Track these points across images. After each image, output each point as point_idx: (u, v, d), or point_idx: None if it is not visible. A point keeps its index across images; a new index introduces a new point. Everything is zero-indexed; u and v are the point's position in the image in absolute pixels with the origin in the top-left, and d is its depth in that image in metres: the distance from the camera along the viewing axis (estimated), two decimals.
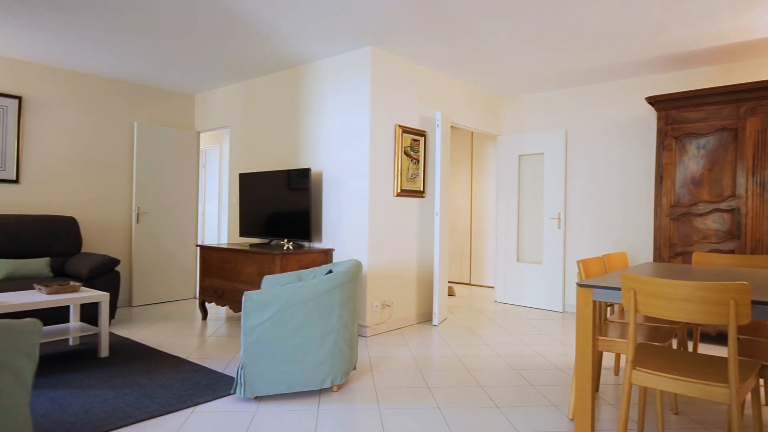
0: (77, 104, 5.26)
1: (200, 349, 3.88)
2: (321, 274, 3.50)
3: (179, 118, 6.16)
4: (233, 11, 3.62)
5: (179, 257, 6.00)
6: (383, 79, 4.50)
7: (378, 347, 4.02)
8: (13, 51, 4.60)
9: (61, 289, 3.53)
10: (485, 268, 7.40)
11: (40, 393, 2.89)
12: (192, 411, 2.69)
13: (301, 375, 2.83)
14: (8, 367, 1.74)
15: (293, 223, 4.66)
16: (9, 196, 4.80)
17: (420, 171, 4.91)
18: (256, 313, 2.77)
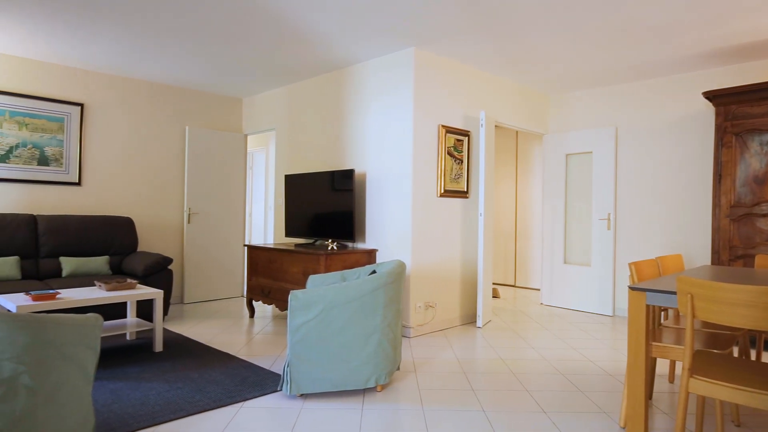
0: (133, 110, 5.52)
1: (248, 347, 3.99)
2: (365, 274, 3.53)
3: (228, 121, 6.35)
4: (280, 17, 3.71)
5: (228, 256, 6.19)
6: (426, 80, 4.49)
7: (421, 348, 4.01)
8: (76, 60, 4.87)
9: (120, 286, 3.71)
10: (531, 270, 7.25)
11: (100, 384, 3.05)
12: (241, 406, 2.76)
13: (346, 374, 2.86)
14: (73, 359, 1.85)
15: (337, 224, 4.71)
16: (72, 197, 5.09)
17: (464, 171, 4.87)
18: (302, 312, 2.83)
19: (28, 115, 4.80)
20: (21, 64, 4.77)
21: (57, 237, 4.64)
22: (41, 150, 4.88)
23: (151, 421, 2.52)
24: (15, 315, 1.66)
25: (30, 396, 1.69)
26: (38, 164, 4.86)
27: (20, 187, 4.77)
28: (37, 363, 1.70)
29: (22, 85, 4.78)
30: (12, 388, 1.64)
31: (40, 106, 4.86)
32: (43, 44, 4.40)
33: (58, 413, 1.79)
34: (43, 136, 4.89)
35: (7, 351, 1.62)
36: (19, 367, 1.65)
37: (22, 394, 1.67)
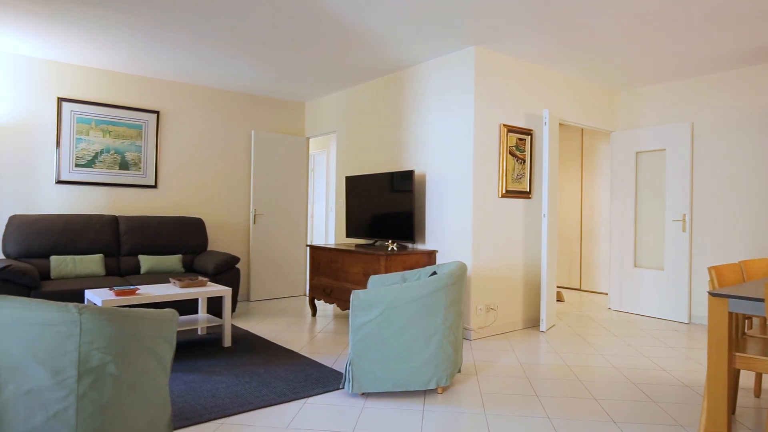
0: (203, 116, 5.81)
1: (311, 344, 4.09)
2: (425, 275, 3.52)
3: (291, 125, 6.55)
4: (342, 22, 3.78)
5: (291, 256, 6.37)
6: (487, 78, 4.42)
7: (482, 351, 3.95)
8: (153, 71, 5.20)
9: (192, 284, 3.91)
10: (597, 273, 6.95)
11: (175, 376, 3.23)
12: (305, 402, 2.84)
13: (407, 374, 2.86)
14: (153, 351, 1.97)
15: (397, 225, 4.74)
16: (149, 199, 5.43)
17: (526, 171, 4.75)
18: (364, 312, 2.86)
19: (111, 123, 5.17)
20: (105, 76, 5.14)
21: (136, 236, 4.96)
22: (122, 155, 5.23)
23: (221, 413, 2.64)
24: (102, 309, 1.79)
25: (116, 384, 1.82)
26: (119, 168, 5.22)
27: (104, 190, 5.15)
28: (121, 354, 1.83)
29: (106, 95, 5.15)
30: (100, 377, 1.77)
31: (121, 114, 5.22)
32: (125, 57, 4.72)
33: (140, 401, 1.91)
34: (124, 142, 5.25)
35: (96, 342, 1.76)
36: (106, 357, 1.78)
37: (109, 382, 1.80)
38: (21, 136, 4.71)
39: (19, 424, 1.67)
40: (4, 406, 1.66)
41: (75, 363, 1.72)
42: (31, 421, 1.67)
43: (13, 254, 4.36)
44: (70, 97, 4.95)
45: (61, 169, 4.90)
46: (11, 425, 1.67)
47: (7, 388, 1.66)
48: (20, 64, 4.70)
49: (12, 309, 1.67)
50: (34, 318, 1.67)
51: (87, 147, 5.03)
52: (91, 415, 1.75)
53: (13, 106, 4.67)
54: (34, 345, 1.67)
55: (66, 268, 4.42)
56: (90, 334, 1.74)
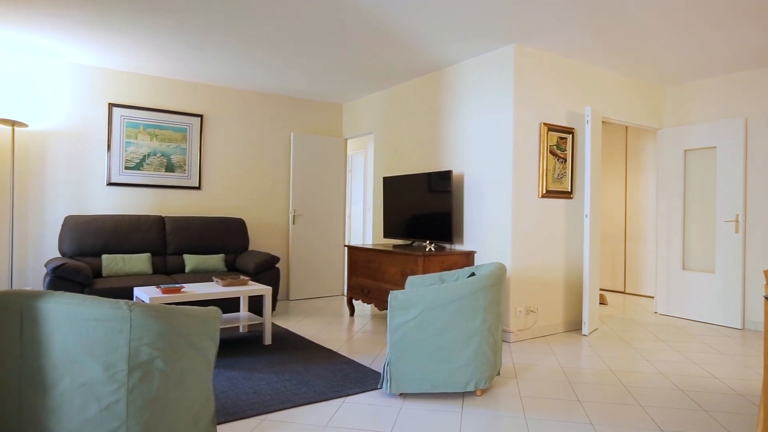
0: (244, 119, 5.95)
1: (349, 344, 4.12)
2: (463, 276, 3.49)
3: (329, 126, 6.62)
4: (379, 23, 3.79)
5: (329, 256, 6.44)
6: (527, 76, 4.34)
7: (522, 354, 3.89)
8: (197, 76, 5.37)
9: (234, 282, 4.01)
10: (643, 276, 6.72)
11: (218, 372, 3.32)
12: (343, 401, 2.86)
13: (445, 376, 2.85)
14: (197, 348, 2.03)
15: (435, 225, 4.72)
16: (193, 200, 5.60)
17: (567, 171, 4.64)
18: (402, 312, 2.86)
19: (158, 127, 5.36)
20: (152, 82, 5.35)
21: (181, 236, 5.13)
22: (168, 158, 5.42)
23: (263, 409, 2.70)
24: (151, 306, 1.86)
25: (163, 379, 1.88)
26: (165, 171, 5.41)
27: (151, 192, 5.35)
28: (168, 350, 1.89)
29: (153, 100, 5.35)
30: (149, 371, 1.84)
31: (167, 118, 5.41)
32: (170, 63, 4.90)
33: (186, 396, 1.98)
34: (170, 145, 5.43)
35: (145, 337, 1.83)
36: (154, 353, 1.85)
37: (157, 376, 1.87)
38: (76, 141, 4.96)
39: (75, 414, 1.75)
40: (62, 397, 1.75)
41: (125, 358, 1.80)
42: (85, 413, 1.76)
43: (68, 253, 4.59)
44: (120, 103, 5.17)
45: (112, 171, 5.12)
46: (68, 415, 1.75)
47: (64, 380, 1.75)
48: (77, 72, 4.94)
49: (68, 305, 1.76)
50: (88, 314, 1.76)
51: (135, 150, 5.24)
52: (140, 408, 1.82)
53: (70, 112, 4.92)
54: (89, 339, 1.76)
55: (116, 267, 4.62)
56: (139, 330, 1.81)
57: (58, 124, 4.87)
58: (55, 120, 4.86)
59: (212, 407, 2.16)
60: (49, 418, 1.76)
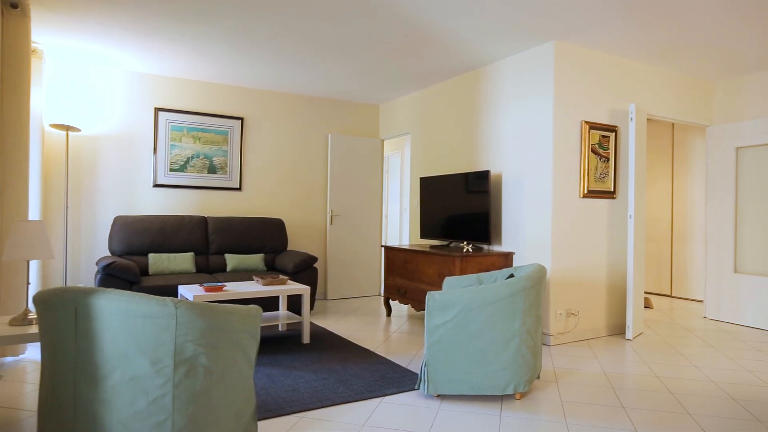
0: (283, 121, 6.06)
1: (386, 344, 4.13)
2: (502, 277, 3.45)
3: (366, 127, 6.66)
4: (416, 23, 3.79)
5: (366, 256, 6.48)
6: (568, 74, 4.24)
7: (562, 358, 3.80)
8: (237, 80, 5.50)
9: (274, 282, 4.09)
10: (691, 279, 6.45)
11: (258, 370, 3.39)
12: (380, 401, 2.87)
13: (483, 378, 2.82)
14: (239, 345, 2.08)
15: (472, 226, 4.67)
16: (234, 201, 5.75)
17: (610, 170, 4.51)
18: (439, 313, 2.85)
19: (201, 130, 5.53)
20: (196, 87, 5.51)
21: (223, 236, 5.26)
22: (210, 160, 5.58)
23: (302, 407, 2.74)
24: (195, 303, 1.92)
25: (207, 375, 1.94)
26: (208, 172, 5.57)
27: (194, 193, 5.52)
28: (211, 346, 1.95)
29: (196, 104, 5.52)
30: (193, 367, 1.90)
31: (209, 121, 5.57)
32: (213, 68, 5.04)
33: (228, 392, 2.03)
34: (212, 147, 5.59)
35: (190, 334, 1.88)
36: (198, 349, 1.91)
37: (201, 372, 1.92)
38: (124, 144, 5.17)
39: (125, 407, 1.83)
40: (113, 390, 1.83)
41: (171, 353, 1.86)
42: (134, 405, 1.83)
43: (117, 251, 4.79)
44: (165, 107, 5.35)
45: (158, 173, 5.31)
46: (118, 407, 1.83)
47: (115, 374, 1.83)
48: (127, 78, 5.15)
49: (119, 301, 1.83)
50: (137, 310, 1.83)
51: (180, 153, 5.41)
52: (185, 403, 1.88)
53: (121, 117, 5.13)
54: (137, 335, 1.83)
55: (162, 265, 4.78)
56: (184, 327, 1.87)
57: (109, 128, 5.09)
58: (106, 125, 5.08)
59: (253, 403, 2.21)
60: (101, 409, 1.84)
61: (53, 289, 1.93)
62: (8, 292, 3.45)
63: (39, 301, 1.94)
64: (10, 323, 2.63)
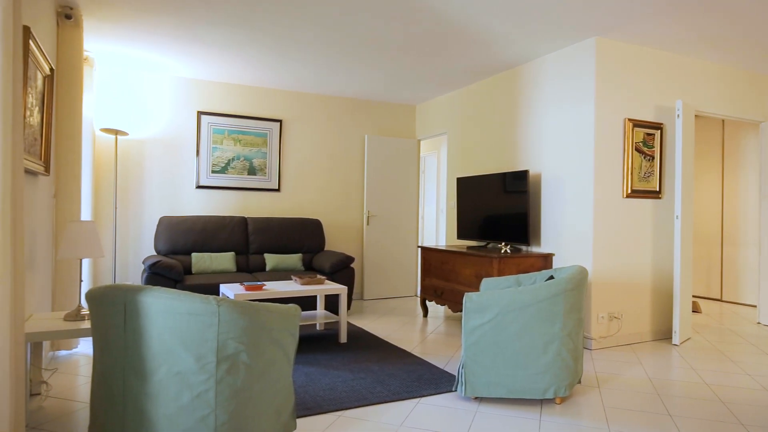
0: (320, 122, 6.13)
1: (422, 345, 4.12)
2: (541, 279, 3.38)
3: (402, 128, 6.66)
4: (454, 22, 3.77)
5: (402, 257, 6.48)
6: (610, 70, 4.13)
7: (605, 362, 3.69)
8: (276, 83, 5.61)
9: (311, 281, 4.15)
10: (742, 283, 6.15)
11: (296, 368, 3.44)
12: (417, 402, 2.87)
13: (523, 381, 2.77)
14: (279, 343, 2.12)
15: (510, 226, 4.60)
16: (273, 202, 5.86)
17: (655, 169, 4.35)
18: (477, 315, 2.82)
19: (241, 133, 5.66)
20: (236, 90, 5.65)
21: (262, 236, 5.37)
22: (250, 161, 5.71)
23: (339, 406, 2.76)
24: (237, 302, 1.97)
25: (248, 372, 1.99)
26: (248, 174, 5.70)
27: (235, 194, 5.65)
28: (252, 344, 1.99)
29: (236, 107, 5.66)
30: (235, 364, 1.95)
31: (249, 124, 5.70)
32: (253, 72, 5.15)
33: (268, 389, 2.07)
34: (252, 149, 5.72)
35: (232, 331, 1.93)
36: (239, 346, 1.96)
37: (242, 369, 1.97)
38: (169, 147, 5.35)
39: (170, 401, 1.89)
40: (159, 385, 1.90)
41: (214, 350, 1.91)
42: (179, 400, 1.89)
43: (162, 251, 4.96)
44: (207, 111, 5.51)
45: (200, 175, 5.47)
46: (164, 402, 1.90)
47: (161, 369, 1.89)
48: (174, 83, 5.33)
49: (165, 299, 1.90)
50: (182, 307, 1.89)
51: (221, 155, 5.56)
52: (227, 399, 1.93)
53: (167, 121, 5.32)
54: (182, 332, 1.89)
55: (204, 264, 4.92)
56: (226, 325, 1.93)
57: (155, 132, 5.28)
58: (152, 129, 5.27)
59: (292, 401, 2.25)
60: (148, 403, 1.91)
61: (104, 287, 2.01)
62: (62, 289, 3.63)
63: (91, 298, 2.04)
64: (64, 318, 2.77)
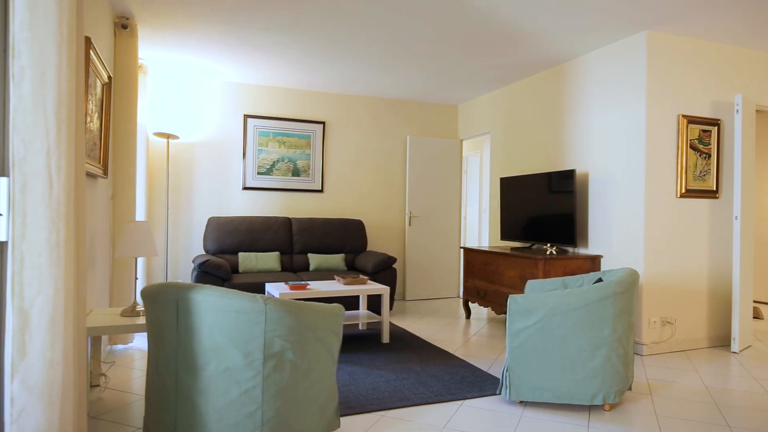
0: (362, 124, 6.18)
1: (465, 347, 4.08)
2: (589, 281, 3.29)
3: (444, 128, 6.63)
4: (497, 20, 3.71)
5: (444, 258, 6.44)
6: (662, 65, 3.96)
7: (657, 369, 3.55)
8: (320, 86, 5.69)
9: (354, 281, 4.18)
10: None
11: (340, 367, 3.48)
12: (461, 404, 2.84)
13: (569, 386, 2.70)
14: (323, 342, 2.15)
15: (556, 227, 4.50)
16: (317, 202, 5.95)
17: (712, 167, 4.15)
18: (522, 317, 2.77)
19: (285, 135, 5.78)
20: (280, 93, 5.78)
21: (306, 236, 5.47)
22: (294, 163, 5.82)
23: (382, 406, 2.77)
24: (283, 300, 2.01)
25: (293, 369, 2.03)
26: (292, 175, 5.81)
27: (279, 195, 5.78)
28: (297, 342, 2.03)
29: (281, 110, 5.78)
30: (281, 361, 1.99)
31: (293, 126, 5.81)
32: (296, 75, 5.25)
33: (313, 387, 2.11)
34: (296, 151, 5.83)
35: (278, 330, 1.98)
36: (285, 344, 2.00)
37: (288, 367, 2.01)
38: (218, 150, 5.53)
39: (220, 396, 1.95)
40: (209, 380, 1.96)
41: (261, 347, 1.96)
42: (228, 395, 1.95)
43: (211, 250, 5.12)
44: (253, 114, 5.66)
45: (246, 176, 5.62)
46: (214, 397, 1.96)
47: (211, 365, 1.96)
48: (223, 88, 5.51)
49: (214, 297, 1.96)
50: (230, 305, 1.95)
51: (266, 157, 5.70)
52: (273, 395, 1.97)
53: (216, 125, 5.50)
54: (231, 329, 1.95)
55: (250, 264, 5.06)
56: (273, 323, 1.97)
57: (204, 135, 5.47)
58: (201, 132, 5.46)
59: (336, 399, 2.28)
60: (199, 397, 1.98)
61: (158, 285, 2.10)
62: (119, 286, 3.81)
63: (146, 295, 2.13)
64: (121, 314, 2.91)
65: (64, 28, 1.44)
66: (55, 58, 1.42)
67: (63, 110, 1.44)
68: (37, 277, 1.40)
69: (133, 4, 3.58)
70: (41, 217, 1.41)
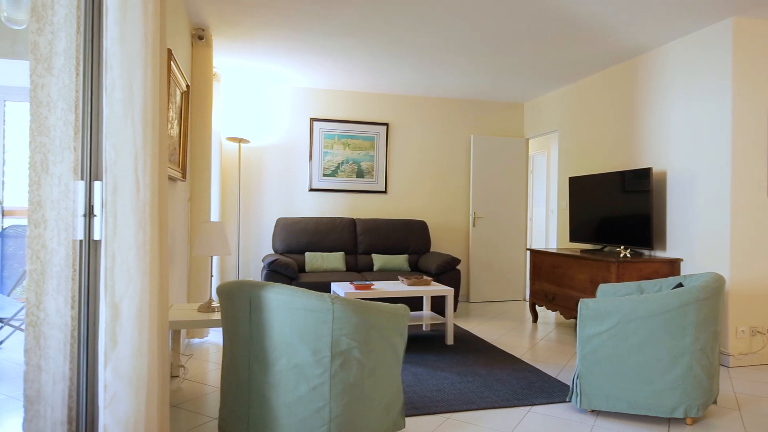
0: (426, 124, 6.17)
1: (532, 351, 3.97)
2: (668, 287, 3.09)
3: (509, 127, 6.48)
4: (565, 11, 3.59)
5: (510, 259, 6.30)
6: (751, 55, 3.66)
7: (746, 382, 3.28)
8: (383, 88, 5.74)
9: (418, 282, 4.18)
10: None
11: (404, 368, 3.49)
12: (528, 410, 2.77)
13: (646, 397, 2.56)
14: (388, 341, 2.17)
15: (630, 229, 4.27)
16: (380, 203, 6.00)
17: None
18: (594, 323, 2.66)
19: (350, 137, 5.88)
20: (345, 96, 5.89)
21: (370, 237, 5.53)
22: (358, 165, 5.90)
23: (447, 408, 2.75)
24: (349, 300, 2.04)
25: (359, 368, 2.06)
26: (356, 176, 5.90)
27: (344, 196, 5.88)
28: (363, 341, 2.06)
29: (345, 113, 5.89)
30: (347, 360, 2.03)
31: (357, 128, 5.90)
32: (360, 78, 5.33)
33: (378, 386, 2.13)
34: (360, 153, 5.91)
35: (345, 328, 2.02)
36: (352, 343, 2.03)
37: (354, 365, 2.04)
38: (285, 153, 5.72)
39: (290, 391, 2.02)
40: (280, 375, 2.03)
41: (329, 345, 2.01)
42: (297, 391, 2.01)
43: (279, 250, 5.31)
44: (319, 117, 5.80)
45: (313, 178, 5.77)
46: (284, 391, 2.03)
47: (281, 360, 2.03)
48: (287, 92, 5.70)
49: (284, 295, 2.03)
50: (299, 303, 2.01)
51: (331, 159, 5.82)
52: (340, 392, 2.01)
53: (283, 129, 5.70)
54: (300, 326, 2.01)
55: (316, 263, 5.18)
56: (340, 321, 2.01)
57: (273, 139, 5.68)
58: (270, 136, 5.67)
59: (401, 399, 2.29)
60: (270, 391, 2.05)
61: (232, 282, 2.20)
62: (196, 283, 4.03)
63: (222, 292, 2.24)
64: (198, 310, 3.07)
65: (149, 42, 1.54)
66: (141, 70, 1.53)
67: (148, 117, 1.55)
68: (126, 273, 1.51)
69: (209, 16, 3.78)
70: (130, 217, 1.52)
